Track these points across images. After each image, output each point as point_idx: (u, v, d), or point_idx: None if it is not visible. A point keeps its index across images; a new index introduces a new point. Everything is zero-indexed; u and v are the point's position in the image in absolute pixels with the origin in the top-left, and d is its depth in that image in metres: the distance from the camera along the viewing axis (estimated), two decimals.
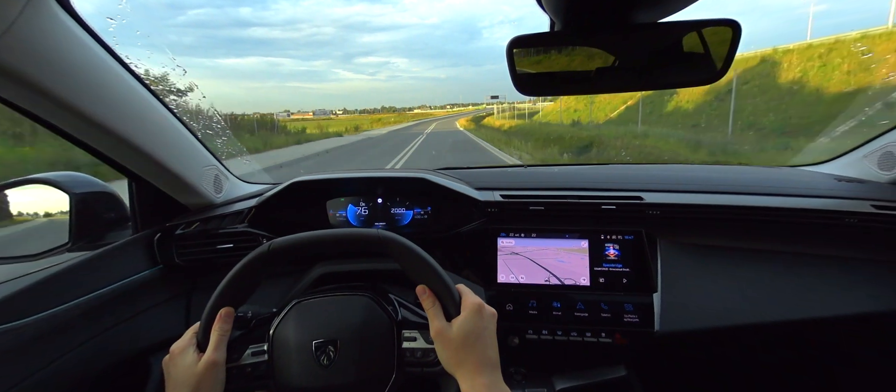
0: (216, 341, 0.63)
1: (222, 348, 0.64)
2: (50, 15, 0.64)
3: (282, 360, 0.65)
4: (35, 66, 0.64)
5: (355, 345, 0.66)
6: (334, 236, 0.67)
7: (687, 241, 0.99)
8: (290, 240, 0.66)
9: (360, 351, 0.66)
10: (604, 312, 0.95)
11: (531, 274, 1.00)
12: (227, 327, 0.65)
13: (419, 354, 0.66)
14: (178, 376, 0.62)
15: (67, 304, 0.81)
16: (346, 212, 1.19)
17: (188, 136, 1.01)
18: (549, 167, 1.37)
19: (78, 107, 0.72)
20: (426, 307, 0.65)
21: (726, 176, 1.14)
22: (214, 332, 0.64)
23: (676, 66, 0.68)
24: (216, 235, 1.03)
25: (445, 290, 0.64)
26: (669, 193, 1.01)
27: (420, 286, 0.65)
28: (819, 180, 1.10)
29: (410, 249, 0.65)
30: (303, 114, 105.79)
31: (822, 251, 0.95)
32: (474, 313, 0.63)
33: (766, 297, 0.93)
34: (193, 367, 0.62)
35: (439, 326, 0.62)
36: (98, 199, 1.00)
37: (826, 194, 0.99)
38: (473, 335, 0.61)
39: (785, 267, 0.95)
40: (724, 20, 0.63)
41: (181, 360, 0.63)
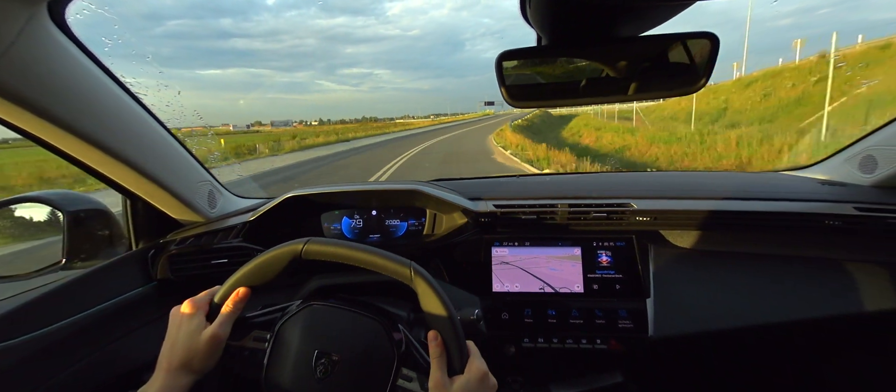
0: (225, 317, 0.64)
1: (228, 326, 0.64)
2: (47, 36, 0.66)
3: (280, 357, 0.65)
4: (32, 87, 0.65)
5: (353, 367, 0.65)
6: (369, 254, 0.65)
7: (677, 247, 1.01)
8: (327, 243, 0.65)
9: (356, 375, 0.65)
10: (598, 319, 0.96)
11: (525, 282, 1.01)
12: (240, 306, 0.66)
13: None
14: (179, 336, 0.62)
15: (62, 323, 0.81)
16: (341, 225, 1.20)
17: (182, 152, 1.02)
18: (542, 176, 1.39)
19: (74, 126, 0.73)
20: (432, 354, 0.63)
21: (713, 181, 1.17)
22: (226, 307, 0.64)
23: (660, 77, 0.70)
24: (211, 251, 1.03)
25: (456, 345, 0.63)
26: (657, 200, 1.03)
27: (433, 332, 0.64)
28: (803, 184, 1.13)
29: (436, 293, 0.64)
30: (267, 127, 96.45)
31: (810, 253, 0.98)
32: (478, 379, 0.62)
33: (757, 300, 0.94)
34: (197, 334, 0.62)
35: (440, 379, 0.61)
36: (91, 216, 1.00)
37: (809, 198, 1.02)
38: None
39: (774, 270, 0.97)
40: (702, 33, 0.66)
41: (188, 322, 0.63)
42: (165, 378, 0.61)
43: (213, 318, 0.64)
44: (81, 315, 0.85)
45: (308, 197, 1.11)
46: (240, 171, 9.55)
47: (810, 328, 0.95)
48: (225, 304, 0.65)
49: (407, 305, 0.86)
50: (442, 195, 1.08)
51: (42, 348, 0.77)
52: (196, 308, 0.65)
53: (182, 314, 0.64)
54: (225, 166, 5.16)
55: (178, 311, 0.65)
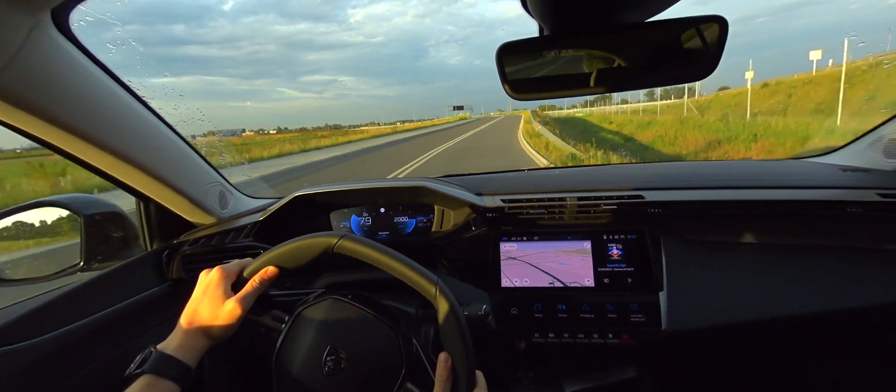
0: (250, 291, 0.65)
1: (251, 300, 0.65)
2: (53, 43, 0.67)
3: (293, 342, 0.65)
4: (41, 93, 0.66)
5: (360, 369, 0.65)
6: (399, 262, 0.65)
7: (690, 238, 0.98)
8: (360, 242, 0.65)
9: (362, 378, 0.65)
10: (610, 313, 0.94)
11: (535, 277, 1.00)
12: (266, 284, 0.67)
13: None
14: (204, 300, 0.64)
15: (81, 322, 0.83)
16: (350, 222, 1.21)
17: (192, 155, 1.03)
18: (550, 170, 1.37)
19: (84, 131, 0.74)
20: (439, 377, 0.62)
21: (728, 171, 1.13)
22: (253, 282, 0.65)
23: (667, 64, 0.68)
24: (223, 251, 1.05)
25: (465, 372, 0.62)
26: (670, 191, 1.01)
27: (444, 354, 0.63)
28: (823, 171, 1.08)
29: (456, 317, 0.63)
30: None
31: (831, 242, 0.94)
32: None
33: (775, 292, 0.91)
34: (219, 303, 0.63)
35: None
36: (107, 218, 1.02)
37: (830, 185, 0.98)
38: None
39: (793, 260, 0.94)
40: (710, 17, 0.63)
41: (215, 289, 0.64)
42: (185, 337, 0.62)
43: (238, 289, 0.65)
44: (99, 314, 0.87)
45: (316, 196, 1.12)
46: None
47: (831, 320, 0.91)
48: (252, 279, 0.66)
49: (415, 302, 0.86)
50: (449, 191, 1.08)
51: (62, 346, 0.80)
52: (225, 276, 0.66)
53: (210, 279, 0.66)
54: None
55: (206, 275, 0.66)
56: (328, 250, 0.66)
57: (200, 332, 0.63)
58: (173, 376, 0.58)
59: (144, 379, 0.56)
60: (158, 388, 0.57)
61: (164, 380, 0.57)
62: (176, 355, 0.60)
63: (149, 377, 0.57)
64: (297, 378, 0.64)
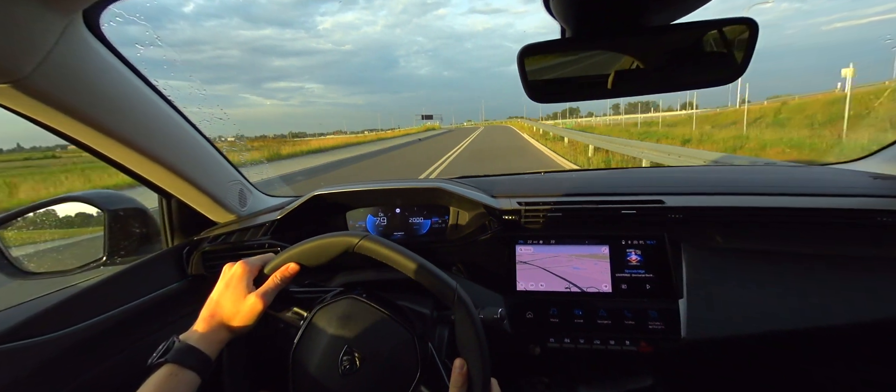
0: (271, 287, 0.66)
1: (272, 296, 0.66)
2: (84, 43, 0.68)
3: (311, 339, 0.65)
4: (71, 92, 0.68)
5: (376, 371, 0.65)
6: (418, 265, 0.65)
7: (712, 245, 0.96)
8: (381, 243, 0.65)
9: (377, 379, 0.65)
10: (627, 320, 0.93)
11: (551, 281, 0.99)
12: (287, 281, 0.67)
13: None
14: (226, 293, 0.65)
15: (103, 316, 0.85)
16: (365, 222, 1.21)
17: (213, 153, 1.05)
18: (567, 173, 1.36)
19: (112, 129, 0.76)
20: (454, 382, 0.62)
21: (752, 177, 1.10)
22: (274, 278, 0.66)
23: (694, 67, 0.66)
24: (242, 248, 1.06)
25: (481, 380, 0.62)
26: (692, 196, 0.98)
27: (459, 360, 0.63)
28: (852, 178, 1.05)
29: (473, 323, 0.63)
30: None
31: (859, 252, 0.91)
32: None
33: (801, 302, 0.89)
34: (241, 297, 0.64)
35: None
36: (129, 214, 1.04)
37: (860, 192, 0.95)
38: None
39: (818, 270, 0.91)
40: (740, 19, 0.62)
41: (237, 283, 0.65)
42: (205, 328, 0.63)
43: (260, 284, 0.66)
44: (121, 309, 0.89)
45: (333, 196, 1.13)
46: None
47: (859, 333, 0.88)
48: (273, 275, 0.67)
49: (430, 303, 0.86)
50: (465, 192, 1.07)
51: (84, 340, 0.81)
52: (248, 270, 0.67)
53: (233, 273, 0.67)
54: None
55: (229, 269, 0.67)
56: (349, 250, 0.66)
57: (221, 324, 0.64)
58: (195, 366, 0.59)
59: (167, 368, 0.58)
60: (180, 378, 0.58)
61: (186, 370, 0.58)
62: (198, 346, 0.61)
63: (171, 366, 0.58)
64: (313, 375, 0.64)
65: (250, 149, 10.38)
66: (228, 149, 1.12)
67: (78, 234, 1.12)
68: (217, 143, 1.05)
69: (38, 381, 0.74)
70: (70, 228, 1.10)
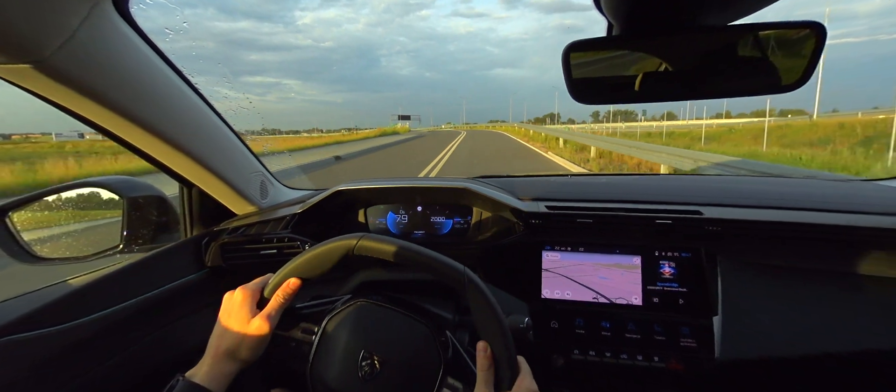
0: (274, 307, 0.64)
1: (277, 316, 0.64)
2: (110, 24, 0.66)
3: (326, 351, 0.64)
4: (95, 74, 0.66)
5: (398, 371, 0.63)
6: (420, 255, 0.64)
7: (751, 261, 0.92)
8: (380, 241, 0.64)
9: (401, 379, 0.63)
10: (657, 335, 0.89)
11: (578, 290, 0.95)
12: (290, 297, 0.66)
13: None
14: (230, 322, 0.63)
15: (120, 306, 0.83)
16: (386, 219, 1.18)
17: (238, 144, 1.03)
18: (597, 177, 1.32)
19: (136, 115, 0.74)
20: (480, 367, 0.60)
21: (793, 190, 1.06)
22: (277, 297, 0.64)
23: (752, 72, 0.63)
24: (261, 241, 1.04)
25: (507, 359, 0.60)
26: (731, 208, 0.94)
27: (482, 343, 0.61)
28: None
29: (489, 303, 0.61)
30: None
31: None
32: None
33: (843, 325, 0.84)
34: (246, 321, 0.62)
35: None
36: (149, 202, 1.02)
37: None
38: None
39: (864, 291, 0.87)
40: (805, 22, 0.58)
41: (239, 309, 0.63)
42: (212, 363, 0.61)
43: (263, 306, 0.64)
44: (138, 298, 0.87)
45: (355, 192, 1.10)
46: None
47: None
48: (275, 295, 0.65)
49: (452, 307, 0.83)
50: (491, 194, 1.04)
51: (100, 330, 0.79)
52: (248, 295, 0.65)
53: (234, 301, 0.65)
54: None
55: (230, 297, 0.66)
56: (349, 253, 0.64)
57: (228, 356, 0.62)
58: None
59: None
60: None
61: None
62: (203, 384, 0.59)
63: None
64: (334, 388, 0.62)
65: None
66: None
67: (94, 220, 1.10)
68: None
69: (54, 372, 0.72)
70: (86, 215, 1.09)
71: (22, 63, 0.57)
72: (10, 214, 0.97)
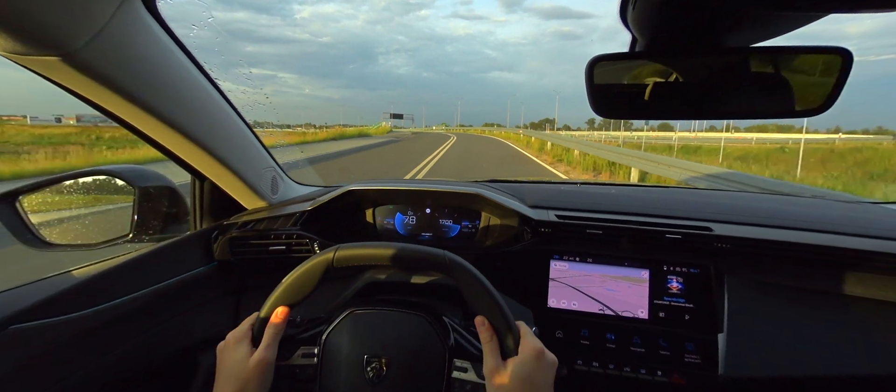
0: (270, 339, 0.64)
1: (274, 346, 0.64)
2: (138, 19, 0.66)
3: (330, 367, 0.65)
4: (120, 69, 0.66)
5: (405, 366, 0.64)
6: (400, 251, 0.65)
7: (759, 279, 0.92)
8: (356, 249, 0.65)
9: (409, 373, 0.64)
10: (662, 349, 0.89)
11: (584, 301, 0.96)
12: (282, 326, 0.65)
13: (469, 388, 0.64)
14: (230, 368, 0.63)
15: (131, 296, 0.83)
16: (394, 220, 1.19)
17: (252, 139, 1.03)
18: (607, 187, 1.32)
19: (157, 109, 0.74)
20: (483, 340, 0.62)
21: (803, 210, 1.06)
22: (269, 330, 0.64)
23: (775, 95, 0.63)
24: (270, 237, 1.04)
25: (505, 326, 0.61)
26: (742, 226, 0.94)
27: (479, 317, 0.63)
28: None
29: (475, 277, 0.63)
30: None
31: None
32: (533, 358, 0.59)
33: (849, 348, 0.85)
34: (245, 361, 0.62)
35: (493, 365, 0.59)
36: (160, 193, 1.02)
37: None
38: (529, 381, 0.58)
39: (872, 317, 0.87)
40: (831, 48, 0.58)
41: (235, 352, 0.63)
42: None
43: (258, 342, 0.64)
44: (148, 290, 0.87)
45: (365, 192, 1.10)
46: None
47: None
48: (267, 327, 0.65)
49: (458, 311, 0.83)
50: (502, 200, 1.04)
51: (108, 320, 0.79)
52: (240, 337, 0.65)
53: (227, 344, 0.65)
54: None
55: (223, 347, 0.66)
56: (329, 267, 0.65)
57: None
58: None
59: None
60: None
61: None
62: None
63: None
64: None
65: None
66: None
67: (103, 208, 1.10)
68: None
69: (63, 360, 0.72)
70: (96, 203, 1.08)
71: (51, 55, 0.57)
72: (21, 199, 0.97)
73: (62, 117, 42.99)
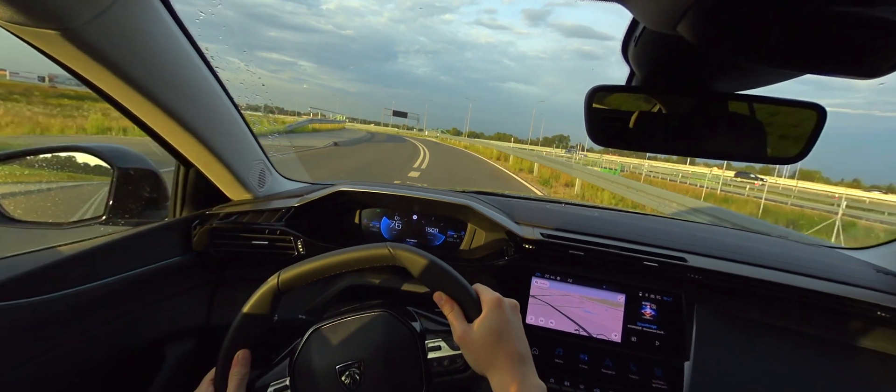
0: (234, 387, 0.62)
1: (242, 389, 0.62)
2: (146, 1, 0.65)
3: (306, 390, 0.63)
4: (121, 49, 0.64)
5: (380, 363, 0.64)
6: (344, 258, 0.64)
7: (726, 312, 0.97)
8: (299, 269, 0.64)
9: (386, 368, 0.64)
10: (631, 373, 0.92)
11: (561, 320, 0.98)
12: (244, 370, 0.63)
13: (446, 362, 0.65)
14: None
15: (100, 282, 0.80)
16: (380, 224, 1.19)
17: (245, 129, 1.01)
18: (591, 208, 1.35)
19: (153, 92, 0.72)
20: (446, 313, 0.63)
21: (771, 249, 1.12)
22: (232, 379, 0.62)
23: (754, 142, 0.67)
24: (253, 230, 1.02)
25: (462, 292, 0.63)
26: (714, 259, 0.99)
27: (437, 293, 0.64)
28: (860, 268, 1.08)
29: (422, 258, 0.63)
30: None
31: (865, 344, 0.93)
32: (495, 309, 0.61)
33: (803, 383, 0.90)
34: None
35: (462, 330, 0.60)
36: (140, 176, 0.98)
37: (864, 284, 0.97)
38: (497, 331, 0.59)
39: (824, 354, 0.93)
40: (808, 103, 0.63)
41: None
42: None
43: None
44: (119, 276, 0.84)
45: (354, 193, 1.10)
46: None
47: None
48: (230, 377, 0.63)
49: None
50: (490, 214, 1.06)
51: (77, 305, 0.76)
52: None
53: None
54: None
55: None
56: (277, 293, 0.64)
57: None
58: None
59: None
60: None
61: None
62: None
63: None
64: None
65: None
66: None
67: (77, 187, 1.05)
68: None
69: (24, 345, 0.68)
70: (70, 180, 1.04)
71: (50, 29, 0.56)
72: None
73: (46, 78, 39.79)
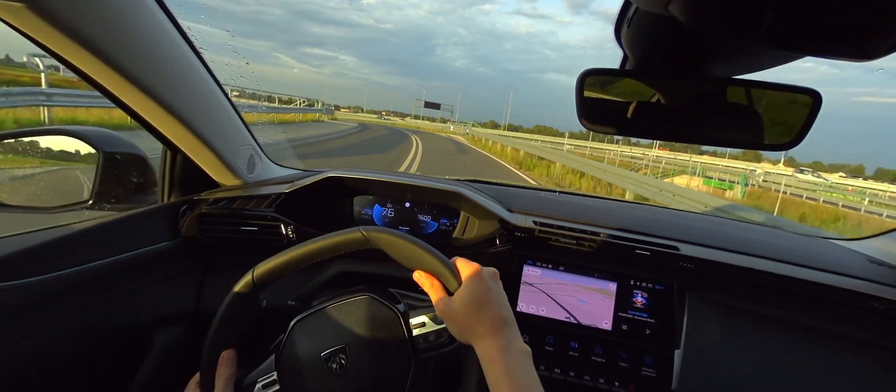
0: (221, 388, 0.61)
1: (229, 388, 0.62)
2: None
3: (293, 382, 0.63)
4: (93, 25, 0.62)
5: (365, 346, 0.64)
6: (317, 246, 0.63)
7: (718, 301, 0.96)
8: (274, 263, 0.63)
9: (371, 350, 0.64)
10: (621, 361, 0.92)
11: (552, 308, 0.98)
12: (230, 370, 0.62)
13: (432, 337, 0.65)
14: None
15: (85, 267, 0.78)
16: (372, 211, 1.18)
17: (232, 114, 0.99)
18: (584, 198, 1.34)
19: (131, 72, 0.70)
20: (426, 289, 0.63)
21: (764, 238, 1.12)
22: (219, 380, 0.61)
23: (750, 127, 0.66)
24: (242, 216, 1.01)
25: (440, 266, 0.62)
26: (706, 248, 0.99)
27: (416, 272, 0.63)
28: (853, 258, 1.08)
29: (397, 237, 0.62)
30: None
31: (855, 334, 0.93)
32: (474, 278, 0.60)
33: (793, 372, 0.90)
34: None
35: (443, 305, 0.60)
36: (127, 160, 0.97)
37: (857, 274, 0.97)
38: (478, 300, 0.59)
39: (814, 343, 0.92)
40: (804, 89, 0.62)
41: None
42: None
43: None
44: (104, 261, 0.82)
45: (346, 180, 1.09)
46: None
47: None
48: (216, 378, 0.62)
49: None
50: (482, 201, 1.05)
51: (60, 289, 0.74)
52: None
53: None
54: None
55: None
56: (255, 288, 0.63)
57: None
58: None
59: None
60: None
61: None
62: None
63: None
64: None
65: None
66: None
67: (61, 169, 1.04)
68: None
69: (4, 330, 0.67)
70: (56, 164, 1.02)
71: (16, 0, 0.53)
72: None
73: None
